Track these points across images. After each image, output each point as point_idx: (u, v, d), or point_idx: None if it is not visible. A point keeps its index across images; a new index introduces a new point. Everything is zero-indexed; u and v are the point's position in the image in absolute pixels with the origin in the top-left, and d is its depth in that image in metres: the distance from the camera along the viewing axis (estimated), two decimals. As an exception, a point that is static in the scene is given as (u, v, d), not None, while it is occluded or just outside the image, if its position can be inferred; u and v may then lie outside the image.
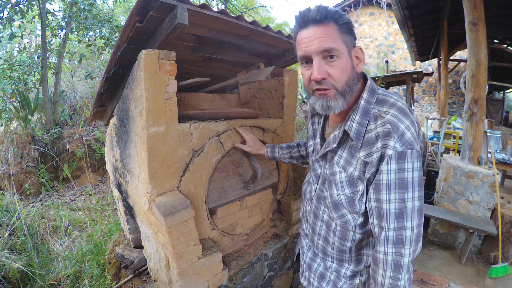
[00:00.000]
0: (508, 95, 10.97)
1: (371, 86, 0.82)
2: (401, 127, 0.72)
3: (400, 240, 0.72)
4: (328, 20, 0.74)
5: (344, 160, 0.84)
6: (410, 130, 0.73)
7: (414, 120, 0.75)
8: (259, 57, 1.84)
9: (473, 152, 2.91)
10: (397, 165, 0.71)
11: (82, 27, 4.35)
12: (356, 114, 0.80)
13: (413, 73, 5.77)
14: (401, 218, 0.72)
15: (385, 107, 0.77)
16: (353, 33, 0.79)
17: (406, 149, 0.71)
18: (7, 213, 2.32)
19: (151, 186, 1.21)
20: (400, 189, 0.71)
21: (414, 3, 4.64)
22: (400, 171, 0.71)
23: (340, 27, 0.75)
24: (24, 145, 3.80)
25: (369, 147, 0.77)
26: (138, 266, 1.74)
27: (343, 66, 0.76)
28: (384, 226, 0.74)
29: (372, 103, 0.80)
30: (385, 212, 0.73)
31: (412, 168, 0.71)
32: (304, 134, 7.71)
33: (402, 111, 0.75)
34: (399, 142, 0.71)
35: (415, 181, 0.72)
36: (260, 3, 11.90)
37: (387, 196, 0.72)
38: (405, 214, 0.72)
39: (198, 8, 1.12)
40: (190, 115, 1.41)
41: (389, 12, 9.94)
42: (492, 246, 2.63)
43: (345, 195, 0.83)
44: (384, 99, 0.79)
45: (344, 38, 0.76)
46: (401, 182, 0.71)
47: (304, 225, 1.10)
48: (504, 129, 7.88)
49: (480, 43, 2.79)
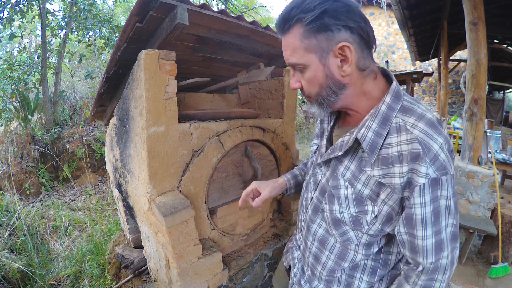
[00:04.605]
0: (508, 95, 10.97)
1: (396, 89, 0.68)
2: (434, 147, 0.59)
3: (435, 269, 0.66)
4: (293, 24, 0.63)
5: (351, 174, 0.71)
6: (444, 151, 0.60)
7: (446, 136, 0.63)
8: (259, 57, 1.84)
9: (473, 152, 2.91)
10: (431, 195, 0.60)
11: (82, 27, 4.36)
12: (373, 121, 0.66)
13: (413, 73, 5.76)
14: (439, 251, 0.64)
15: (411, 117, 0.63)
16: (335, 27, 0.61)
17: (441, 175, 0.59)
18: (7, 213, 2.32)
19: (151, 186, 1.21)
20: (436, 221, 0.62)
21: (414, 3, 4.63)
22: (434, 200, 0.61)
23: (307, 28, 0.62)
24: (24, 145, 3.80)
25: (387, 166, 0.64)
26: (138, 266, 1.74)
27: (311, 77, 0.68)
28: (421, 261, 0.67)
29: (395, 110, 0.65)
30: (421, 248, 0.65)
31: (447, 197, 0.61)
32: (304, 134, 7.71)
33: (433, 125, 0.62)
34: (432, 167, 0.59)
35: (451, 209, 0.63)
36: (260, 3, 11.91)
37: (423, 233, 0.63)
38: (442, 245, 0.64)
39: (198, 8, 1.12)
40: (190, 115, 1.41)
41: (389, 12, 9.93)
42: (492, 246, 2.63)
43: (350, 213, 0.72)
44: (411, 108, 0.65)
45: (311, 42, 0.63)
46: (436, 213, 0.62)
47: (297, 235, 0.98)
48: (504, 129, 7.89)
49: (480, 43, 2.79)
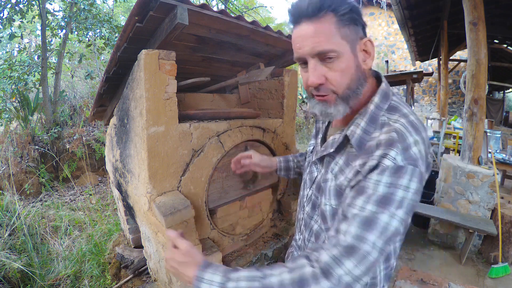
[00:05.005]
0: (508, 95, 10.96)
1: (385, 90, 0.70)
2: (409, 139, 0.60)
3: (348, 249, 0.56)
4: (324, 11, 0.61)
5: (339, 168, 0.72)
6: (419, 146, 0.60)
7: (425, 139, 0.63)
8: (259, 57, 1.84)
9: (473, 152, 2.91)
10: (390, 179, 0.57)
11: (82, 27, 4.36)
12: (362, 119, 0.68)
13: (413, 73, 5.75)
14: (367, 228, 0.56)
15: (396, 115, 0.66)
16: (359, 23, 0.66)
17: (408, 164, 0.58)
18: (7, 213, 2.32)
19: (151, 186, 1.21)
20: (382, 203, 0.57)
21: (414, 3, 4.63)
22: (392, 186, 0.57)
23: (340, 18, 0.62)
24: (24, 145, 3.80)
25: (367, 155, 0.64)
26: (138, 266, 1.74)
27: (344, 67, 0.64)
28: (342, 228, 0.59)
29: (382, 110, 0.68)
30: (351, 216, 0.58)
31: (408, 188, 0.57)
32: (304, 134, 7.71)
33: (414, 125, 0.63)
34: (401, 155, 0.58)
35: (404, 203, 0.57)
36: (260, 3, 11.91)
37: (363, 204, 0.58)
38: (374, 226, 0.56)
39: (198, 8, 1.12)
40: (190, 115, 1.41)
41: (389, 12, 9.93)
42: (492, 246, 2.63)
43: (331, 206, 0.72)
44: (397, 107, 0.68)
45: (346, 32, 0.63)
46: (387, 198, 0.57)
47: (297, 234, 0.97)
48: (504, 129, 7.89)
49: (480, 43, 2.79)
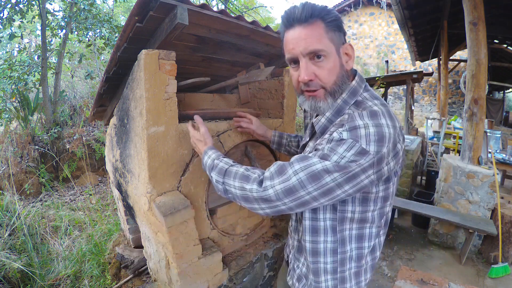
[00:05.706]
0: (508, 95, 10.96)
1: (354, 88, 0.79)
2: (358, 122, 0.66)
3: (281, 170, 0.70)
4: (315, 18, 0.72)
5: (309, 150, 0.83)
6: (368, 130, 0.64)
7: (382, 125, 0.65)
8: (259, 57, 1.84)
9: (473, 152, 2.91)
10: (332, 145, 0.66)
11: (82, 27, 4.36)
12: (329, 111, 0.79)
13: (413, 73, 5.76)
14: (302, 164, 0.68)
15: (359, 109, 0.74)
16: (342, 30, 0.77)
17: (351, 139, 0.64)
18: (7, 213, 2.32)
19: (151, 186, 1.21)
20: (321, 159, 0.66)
21: (414, 3, 4.63)
22: (332, 151, 0.65)
23: (328, 25, 0.73)
24: (24, 145, 3.80)
25: (324, 136, 0.77)
26: (138, 266, 1.74)
27: (331, 66, 0.74)
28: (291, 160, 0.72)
29: (349, 104, 0.77)
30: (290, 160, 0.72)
31: (343, 156, 0.64)
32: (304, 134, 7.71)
33: (373, 114, 0.68)
34: (347, 132, 0.66)
35: (338, 167, 0.64)
36: (260, 3, 11.91)
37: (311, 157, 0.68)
38: (308, 166, 0.67)
39: (198, 8, 1.12)
40: (190, 115, 1.41)
41: (389, 12, 9.94)
42: (492, 246, 2.63)
43: None
44: (362, 102, 0.76)
45: (332, 36, 0.74)
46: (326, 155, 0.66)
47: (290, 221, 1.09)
48: (504, 129, 7.88)
49: (480, 43, 2.79)
